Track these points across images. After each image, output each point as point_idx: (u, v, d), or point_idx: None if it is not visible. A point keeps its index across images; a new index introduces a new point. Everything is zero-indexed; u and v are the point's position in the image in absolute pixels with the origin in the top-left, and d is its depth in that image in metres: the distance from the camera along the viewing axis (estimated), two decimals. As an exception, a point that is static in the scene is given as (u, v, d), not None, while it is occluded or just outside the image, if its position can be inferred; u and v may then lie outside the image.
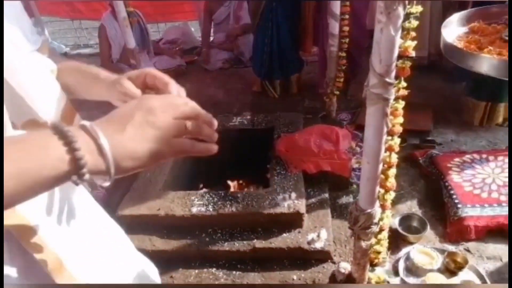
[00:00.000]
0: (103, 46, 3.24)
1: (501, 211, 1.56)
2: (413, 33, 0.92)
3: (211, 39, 3.72)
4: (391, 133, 1.04)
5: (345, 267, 1.45)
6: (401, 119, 1.03)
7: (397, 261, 1.50)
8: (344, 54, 2.16)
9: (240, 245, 1.56)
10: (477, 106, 2.09)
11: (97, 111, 0.53)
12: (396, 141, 1.07)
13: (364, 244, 1.27)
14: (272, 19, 2.59)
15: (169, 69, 3.23)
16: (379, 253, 1.41)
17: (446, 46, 1.00)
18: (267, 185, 1.75)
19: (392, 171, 1.14)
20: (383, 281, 1.43)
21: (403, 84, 0.98)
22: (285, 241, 1.54)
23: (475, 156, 1.88)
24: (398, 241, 1.59)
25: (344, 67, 2.20)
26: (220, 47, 3.58)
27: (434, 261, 1.44)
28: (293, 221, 1.58)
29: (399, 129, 1.04)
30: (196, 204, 1.64)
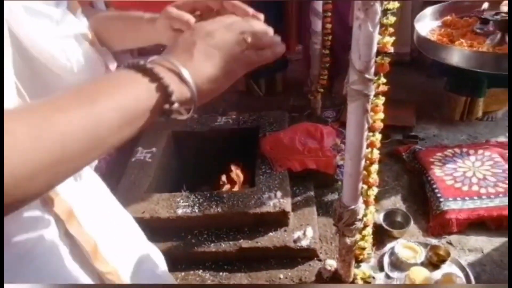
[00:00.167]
0: None
1: (481, 204, 1.60)
2: (391, 29, 0.93)
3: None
4: (372, 129, 1.05)
5: (331, 264, 1.46)
6: (381, 115, 1.04)
7: (382, 257, 1.51)
8: (327, 51, 2.16)
9: (226, 246, 1.55)
10: (458, 101, 2.13)
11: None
12: (377, 137, 1.07)
13: (348, 240, 1.28)
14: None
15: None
16: (364, 249, 1.42)
17: (419, 39, 1.02)
18: (253, 184, 1.74)
19: (374, 167, 1.15)
20: (369, 277, 1.44)
21: (383, 80, 0.98)
22: (271, 240, 1.54)
23: (456, 150, 1.92)
24: (383, 236, 1.61)
25: (327, 65, 2.21)
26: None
27: (417, 255, 1.46)
28: (279, 220, 1.57)
29: (380, 125, 1.05)
30: (181, 205, 1.62)
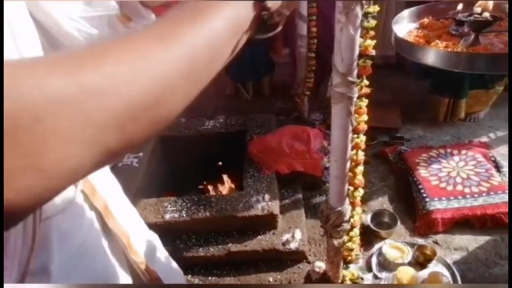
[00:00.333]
0: None
1: (466, 203, 1.63)
2: (372, 32, 0.94)
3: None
4: (356, 131, 1.06)
5: (320, 266, 1.47)
6: (365, 117, 1.05)
7: (370, 257, 1.53)
8: (313, 54, 2.18)
9: (215, 250, 1.54)
10: (441, 102, 2.17)
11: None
12: (362, 139, 1.09)
13: (336, 242, 1.28)
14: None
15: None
16: (351, 250, 1.43)
17: (397, 40, 1.04)
18: (241, 187, 1.74)
19: (359, 169, 1.16)
20: (357, 278, 1.45)
21: (366, 82, 1.00)
22: (260, 243, 1.54)
23: (440, 151, 1.95)
24: (370, 237, 1.62)
25: (314, 68, 2.23)
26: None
27: (405, 255, 1.47)
28: (267, 223, 1.57)
29: (364, 126, 1.06)
30: (169, 210, 1.60)
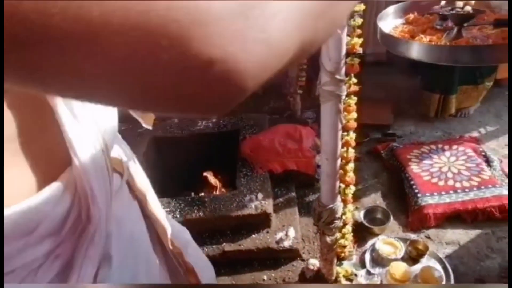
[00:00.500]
0: None
1: (457, 198, 1.64)
2: (359, 30, 0.95)
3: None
4: (346, 129, 1.07)
5: (314, 263, 1.47)
6: (354, 115, 1.06)
7: (364, 254, 1.54)
8: (304, 53, 2.19)
9: (209, 250, 1.54)
10: (432, 98, 2.19)
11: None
12: (351, 136, 1.09)
13: (329, 239, 1.29)
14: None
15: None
16: (344, 247, 1.44)
17: (382, 35, 1.05)
18: (234, 187, 1.74)
19: (350, 166, 1.17)
20: (351, 274, 1.46)
21: (354, 80, 1.00)
22: (254, 242, 1.54)
23: (432, 146, 1.97)
24: (364, 233, 1.63)
25: (305, 66, 2.23)
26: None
27: (398, 251, 1.49)
28: (261, 222, 1.57)
29: (353, 124, 1.07)
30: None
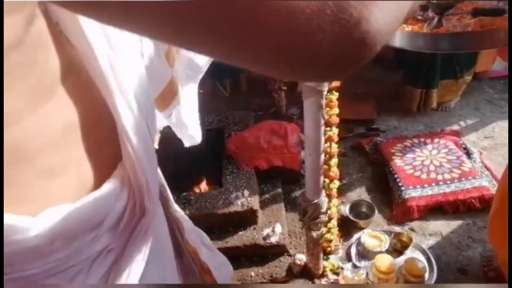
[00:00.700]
0: None
1: (439, 190, 1.68)
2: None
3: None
4: (328, 124, 1.07)
5: (301, 258, 1.48)
6: (337, 110, 1.07)
7: (350, 247, 1.56)
8: (288, 50, 2.19)
9: (196, 249, 1.53)
10: (414, 93, 2.23)
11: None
12: (334, 132, 1.10)
13: (315, 234, 1.30)
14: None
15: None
16: (330, 241, 1.45)
17: None
18: (220, 185, 1.73)
19: (334, 161, 1.18)
20: (337, 268, 1.47)
21: (335, 76, 1.01)
22: (241, 239, 1.54)
23: (414, 140, 2.00)
24: (350, 227, 1.65)
25: (289, 63, 2.24)
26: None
27: (382, 243, 1.51)
28: (247, 219, 1.58)
29: (336, 119, 1.07)
30: (147, 211, 1.58)
